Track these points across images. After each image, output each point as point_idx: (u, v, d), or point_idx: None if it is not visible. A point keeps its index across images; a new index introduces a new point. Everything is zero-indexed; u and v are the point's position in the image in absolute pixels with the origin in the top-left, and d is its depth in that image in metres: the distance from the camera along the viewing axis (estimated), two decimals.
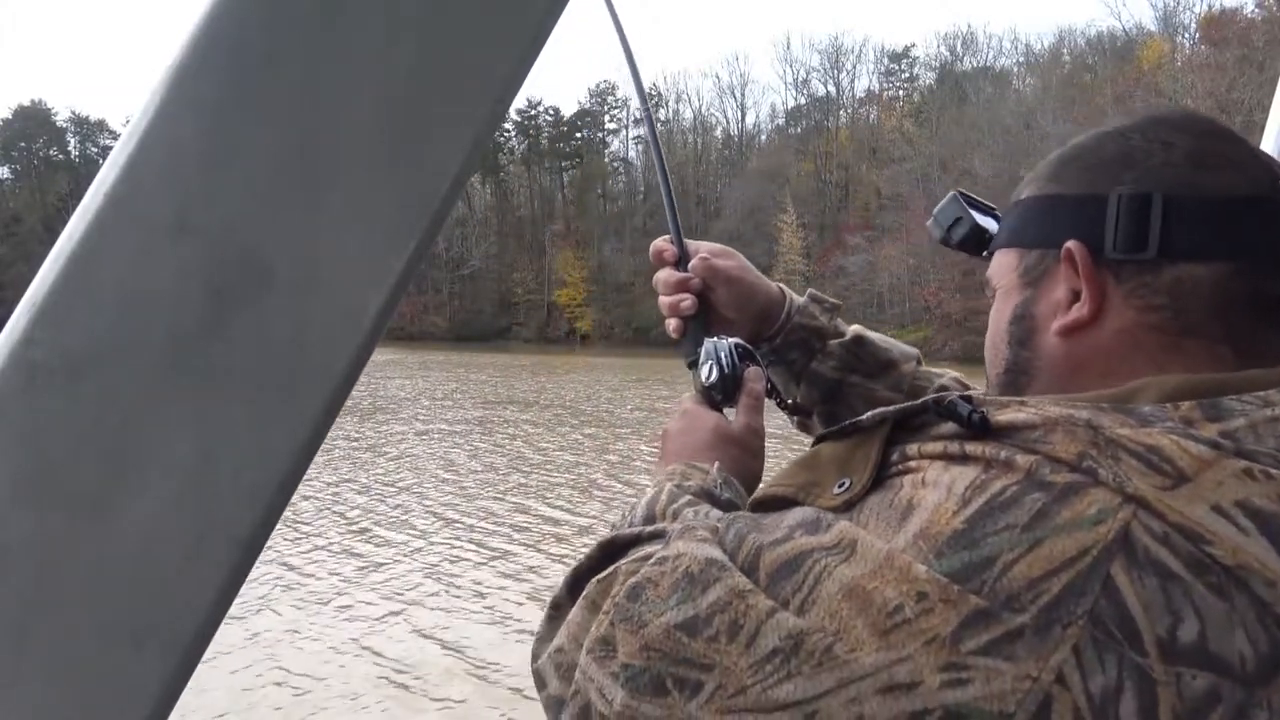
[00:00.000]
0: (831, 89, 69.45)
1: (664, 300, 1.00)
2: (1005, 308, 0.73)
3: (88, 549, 0.39)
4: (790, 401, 1.06)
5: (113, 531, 0.39)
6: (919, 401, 0.63)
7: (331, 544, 8.45)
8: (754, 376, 0.96)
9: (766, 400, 0.99)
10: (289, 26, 0.39)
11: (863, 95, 69.00)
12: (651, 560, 0.63)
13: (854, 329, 1.05)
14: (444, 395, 23.15)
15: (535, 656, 0.69)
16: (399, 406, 19.96)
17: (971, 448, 0.57)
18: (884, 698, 0.51)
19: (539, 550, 8.38)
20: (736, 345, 0.97)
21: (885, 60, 68.50)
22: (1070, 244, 0.66)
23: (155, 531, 0.40)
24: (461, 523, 9.46)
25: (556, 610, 0.69)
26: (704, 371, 0.96)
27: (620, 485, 11.48)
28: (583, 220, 72.28)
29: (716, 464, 0.83)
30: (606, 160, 76.37)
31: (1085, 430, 0.55)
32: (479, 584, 7.35)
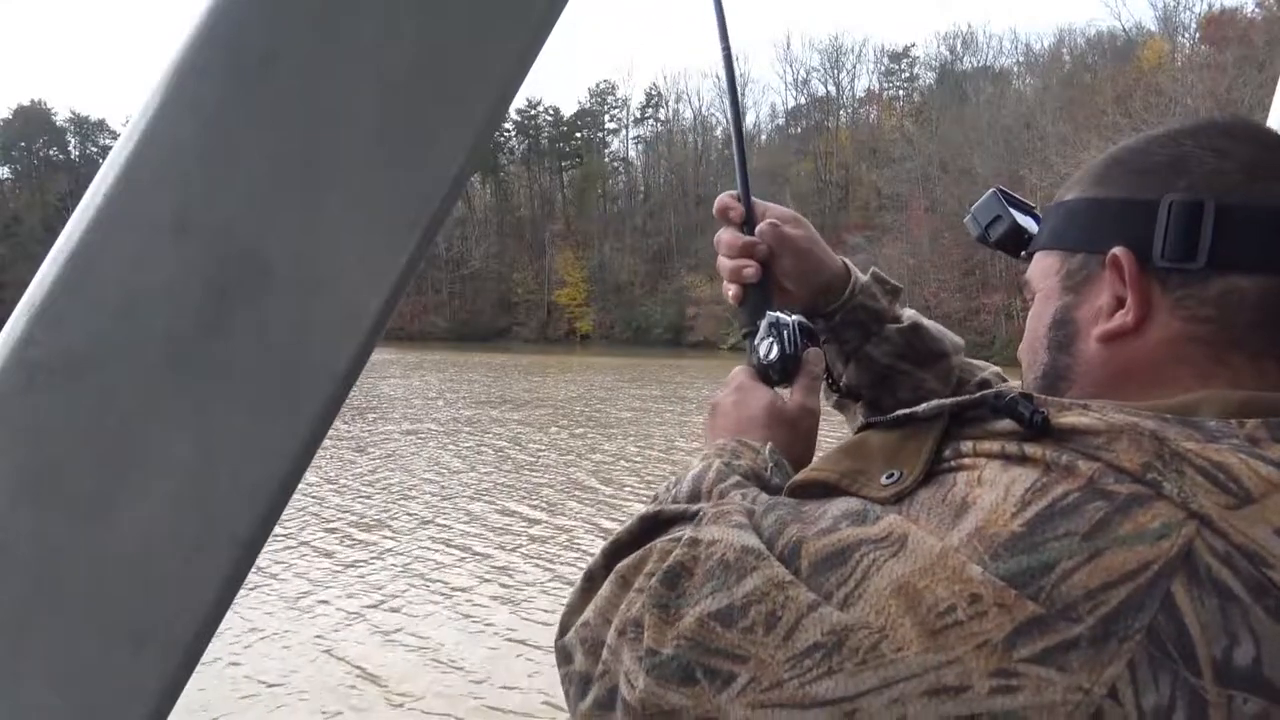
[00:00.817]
0: (831, 89, 69.45)
1: (725, 264, 0.95)
2: (1045, 311, 0.72)
3: (88, 549, 0.39)
4: (840, 383, 1.02)
5: (113, 531, 0.39)
6: (976, 396, 0.62)
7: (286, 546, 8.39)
8: (814, 359, 0.92)
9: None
10: (289, 26, 0.39)
11: (863, 95, 69.01)
12: (684, 542, 0.62)
13: (910, 314, 1.02)
14: (434, 395, 23.10)
15: (564, 629, 0.66)
16: (390, 406, 19.91)
17: (1031, 449, 0.56)
18: (929, 700, 0.50)
19: (462, 549, 8.37)
20: (800, 324, 0.93)
21: (885, 60, 68.49)
22: (1117, 250, 0.65)
23: (155, 531, 0.39)
24: (384, 525, 9.44)
25: (590, 582, 0.67)
26: (763, 348, 0.92)
27: (575, 489, 11.46)
28: (583, 220, 72.21)
29: (769, 444, 0.81)
30: (606, 160, 76.33)
31: (1151, 441, 0.54)
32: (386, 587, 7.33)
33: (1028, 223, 0.82)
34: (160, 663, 0.40)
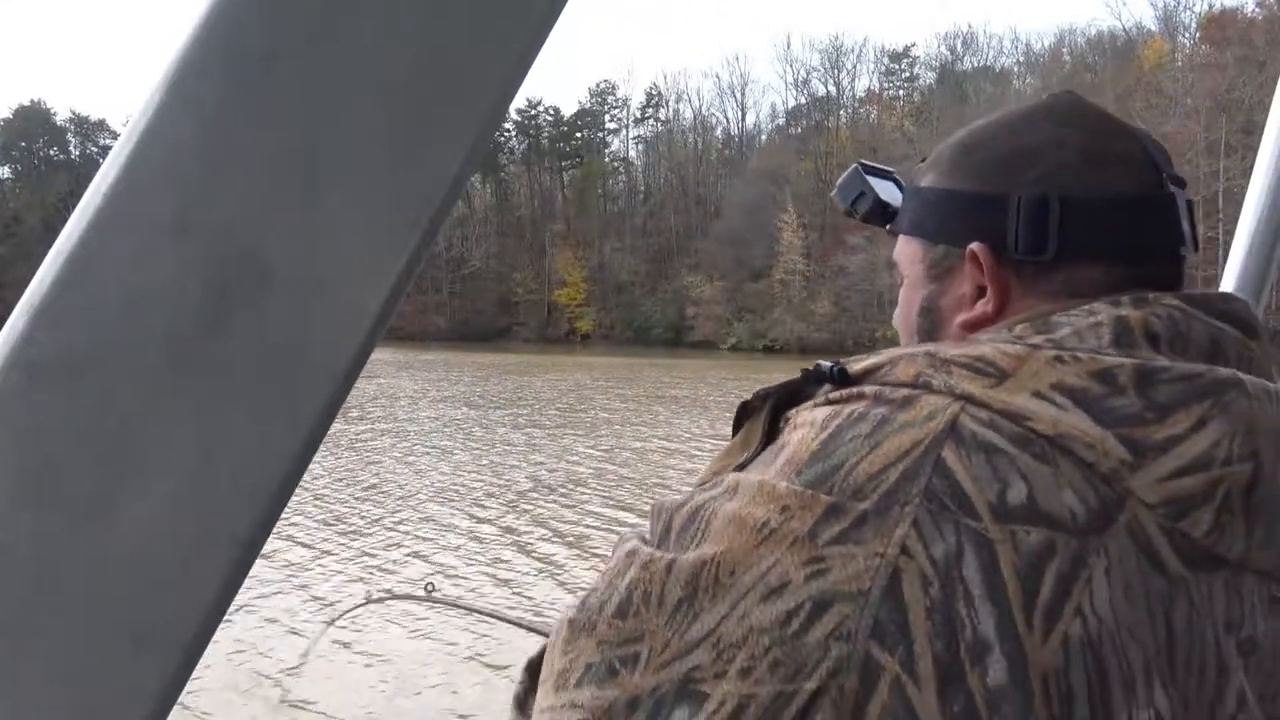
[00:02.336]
0: (832, 89, 69.44)
1: None
2: (914, 298, 0.77)
3: (88, 549, 0.39)
4: None
5: (113, 531, 0.39)
6: (798, 376, 0.69)
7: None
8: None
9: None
10: (289, 26, 0.39)
11: (863, 95, 69.01)
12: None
13: None
14: (415, 395, 23.01)
15: None
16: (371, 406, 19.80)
17: (834, 394, 0.64)
18: (764, 604, 0.56)
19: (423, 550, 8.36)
20: None
21: (885, 60, 68.49)
22: (975, 246, 0.70)
23: (155, 531, 0.40)
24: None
25: (520, 707, 0.72)
26: None
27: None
28: (583, 220, 72.19)
29: None
30: (606, 160, 76.31)
31: (924, 357, 0.62)
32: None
33: (890, 190, 0.85)
34: (160, 663, 0.40)
